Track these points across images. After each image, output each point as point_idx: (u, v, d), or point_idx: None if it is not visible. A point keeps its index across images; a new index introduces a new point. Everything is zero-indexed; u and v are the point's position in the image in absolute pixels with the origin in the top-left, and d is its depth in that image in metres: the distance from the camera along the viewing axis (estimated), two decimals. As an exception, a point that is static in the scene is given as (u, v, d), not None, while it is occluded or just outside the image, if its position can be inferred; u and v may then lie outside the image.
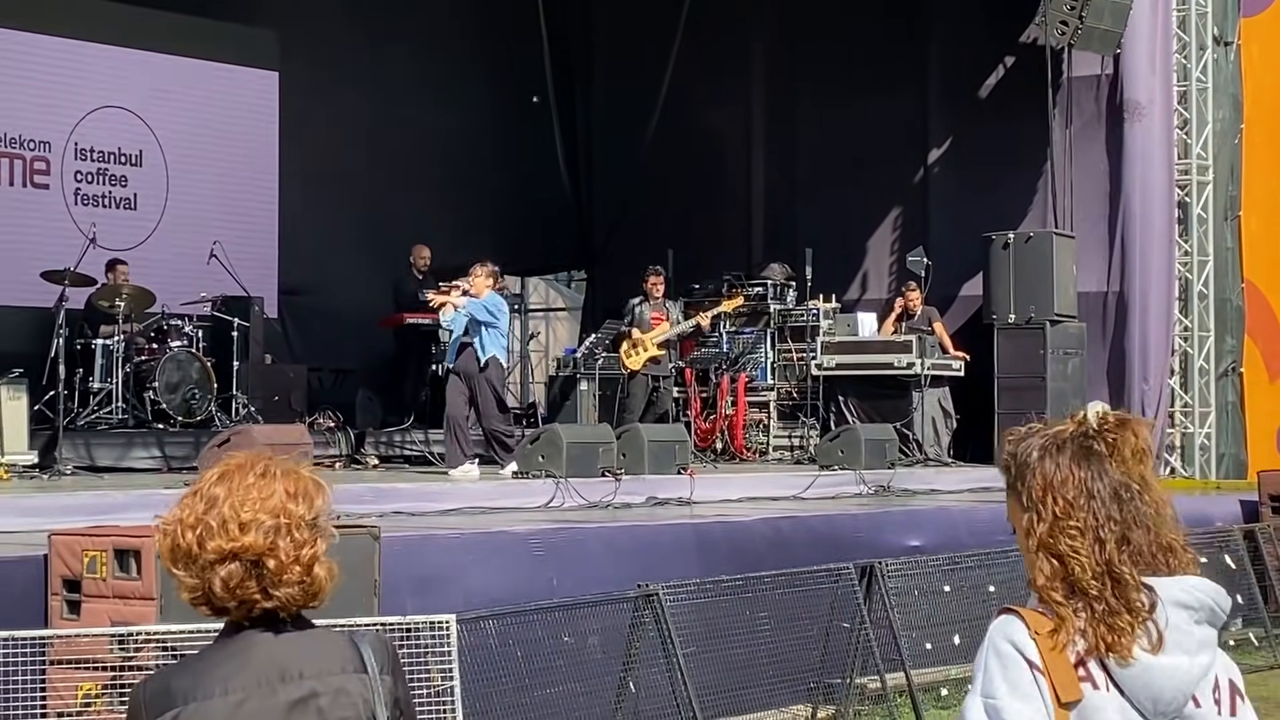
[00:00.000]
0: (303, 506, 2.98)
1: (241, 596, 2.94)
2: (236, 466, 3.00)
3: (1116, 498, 2.86)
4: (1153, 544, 2.86)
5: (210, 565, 2.93)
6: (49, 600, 7.95)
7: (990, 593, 11.83)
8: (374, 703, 2.98)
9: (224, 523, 2.93)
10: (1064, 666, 2.74)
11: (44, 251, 16.64)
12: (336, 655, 3.00)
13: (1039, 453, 2.94)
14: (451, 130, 20.97)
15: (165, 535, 2.99)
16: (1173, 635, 2.78)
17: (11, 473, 12.89)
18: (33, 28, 17.47)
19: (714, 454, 18.33)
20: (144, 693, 2.98)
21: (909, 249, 18.98)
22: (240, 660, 2.95)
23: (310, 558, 2.97)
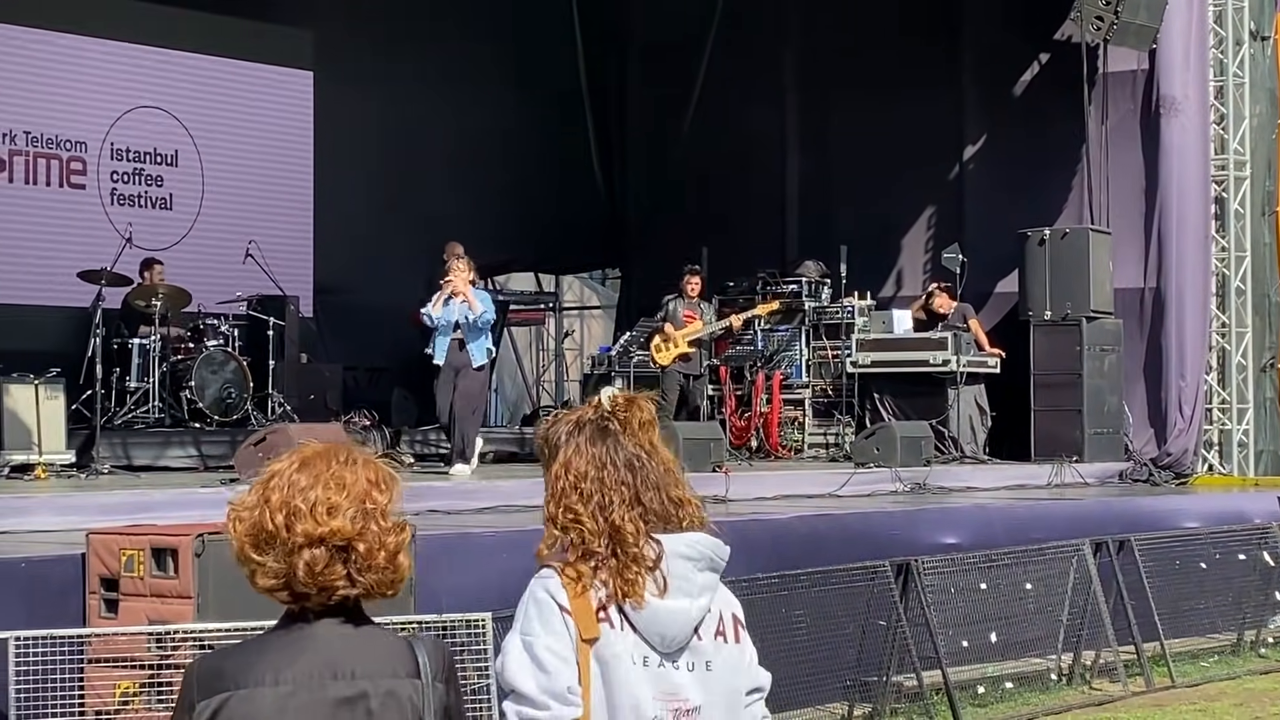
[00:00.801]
0: (385, 495, 2.99)
1: (324, 582, 2.93)
2: (317, 454, 3.00)
3: (630, 466, 3.30)
4: (664, 500, 3.33)
5: (297, 549, 2.92)
6: (87, 599, 7.99)
7: (1027, 590, 11.81)
8: (423, 708, 2.97)
9: (313, 507, 2.93)
10: (587, 610, 3.20)
11: (81, 251, 16.73)
12: (391, 657, 2.99)
13: (565, 436, 3.32)
14: (486, 129, 20.98)
15: (241, 521, 2.97)
16: (676, 582, 3.26)
17: (49, 472, 12.95)
18: (69, 29, 17.54)
19: (749, 452, 18.30)
20: (197, 671, 2.99)
21: (944, 246, 18.93)
22: (295, 651, 2.95)
23: (396, 545, 2.98)
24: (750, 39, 21.16)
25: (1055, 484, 16.60)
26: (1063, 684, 12.04)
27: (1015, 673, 11.71)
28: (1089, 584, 12.19)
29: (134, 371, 15.32)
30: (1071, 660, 12.18)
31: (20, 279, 16.91)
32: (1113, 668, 12.24)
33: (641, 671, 3.23)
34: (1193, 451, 17.89)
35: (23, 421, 13.25)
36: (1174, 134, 17.97)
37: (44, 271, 16.90)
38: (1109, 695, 11.93)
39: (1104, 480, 17.37)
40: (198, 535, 7.66)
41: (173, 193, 18.46)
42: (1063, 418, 17.78)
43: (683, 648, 3.28)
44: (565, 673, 3.18)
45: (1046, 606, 12.04)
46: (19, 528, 9.65)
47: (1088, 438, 17.72)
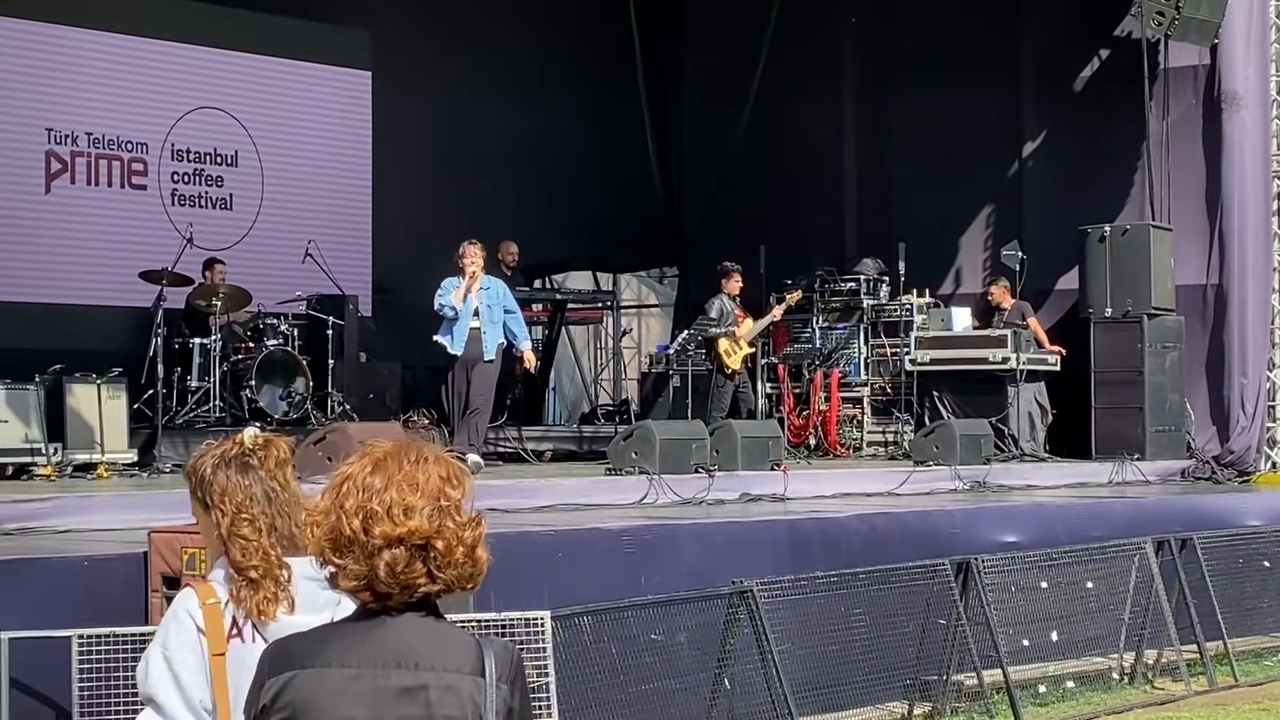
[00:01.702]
0: (458, 491, 3.02)
1: (406, 581, 2.97)
2: (388, 454, 3.03)
3: (267, 497, 3.75)
4: (290, 528, 3.73)
5: (377, 551, 2.95)
6: (149, 597, 8.03)
7: (1088, 589, 11.75)
8: (484, 707, 2.98)
9: (389, 508, 2.96)
10: (218, 627, 3.63)
11: (142, 252, 16.84)
12: (457, 654, 3.01)
13: (212, 466, 3.77)
14: (543, 127, 21.01)
15: (319, 526, 3.01)
16: (303, 599, 3.68)
17: (112, 471, 13.05)
18: (130, 30, 17.66)
19: (807, 450, 18.27)
20: (269, 654, 3.06)
21: (1003, 243, 18.85)
22: (362, 639, 2.99)
23: (473, 539, 3.01)
24: (808, 35, 21.12)
25: (1116, 482, 16.52)
26: (1125, 683, 11.98)
27: (1077, 672, 11.66)
28: (1151, 582, 12.12)
29: (195, 371, 15.39)
30: (1133, 659, 12.11)
31: (82, 279, 17.03)
32: (1175, 667, 12.16)
33: None
34: (1255, 449, 17.76)
35: (85, 421, 13.35)
36: (1235, 129, 17.84)
37: (106, 272, 17.01)
38: (1171, 694, 11.86)
39: (1166, 478, 17.26)
40: (258, 534, 7.68)
41: (233, 193, 18.56)
42: (1124, 415, 17.69)
43: None
44: (200, 687, 3.61)
45: (1108, 605, 11.98)
46: (82, 526, 9.72)
47: (1149, 435, 17.62)
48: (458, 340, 14.05)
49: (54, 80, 17.05)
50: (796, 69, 21.07)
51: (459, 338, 14.05)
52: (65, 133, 17.22)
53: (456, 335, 14.06)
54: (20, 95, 16.76)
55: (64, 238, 17.03)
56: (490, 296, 14.23)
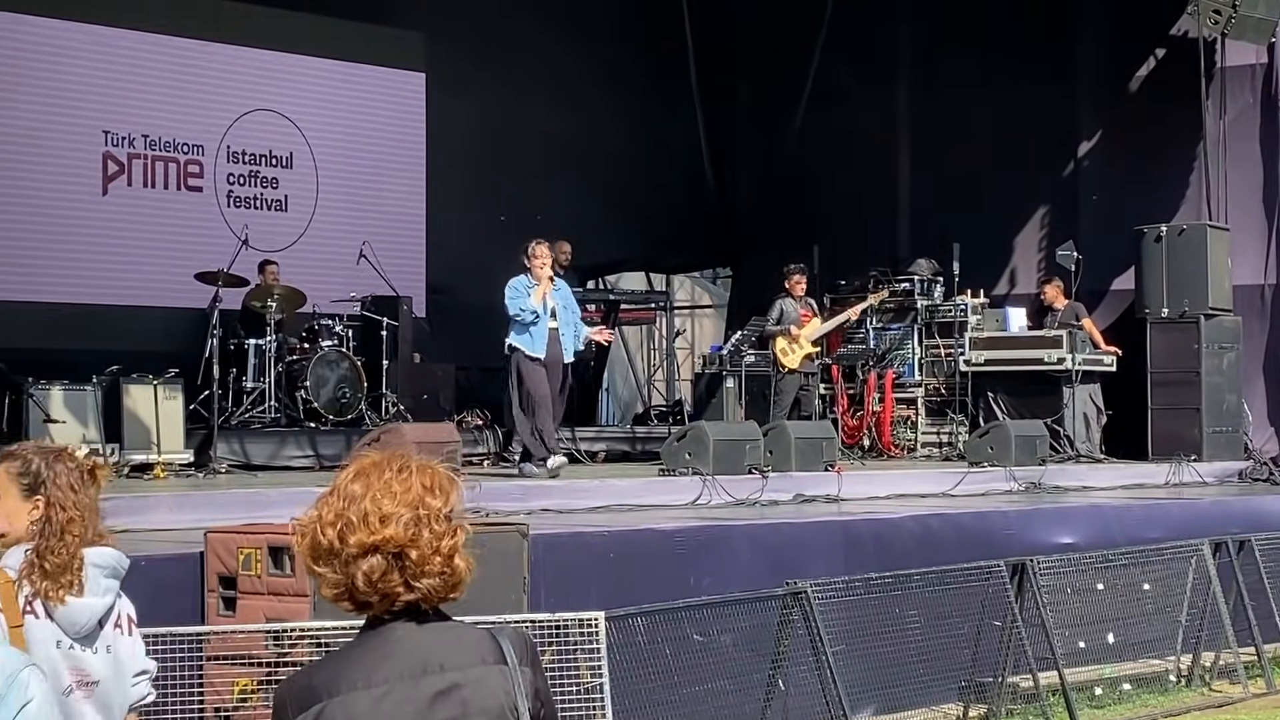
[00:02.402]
0: (439, 500, 3.02)
1: (384, 590, 2.98)
2: (372, 464, 3.05)
3: (92, 507, 4.34)
4: (96, 526, 4.32)
5: (353, 559, 2.97)
6: (205, 597, 8.07)
7: (1145, 591, 11.68)
8: (515, 694, 3.01)
9: (365, 517, 2.98)
10: (13, 605, 4.09)
11: (197, 253, 16.94)
12: (476, 648, 3.03)
13: (64, 471, 4.30)
14: (596, 126, 21.02)
15: (304, 535, 3.04)
16: (89, 585, 4.18)
17: (168, 471, 13.12)
18: (185, 33, 17.74)
19: (861, 451, 18.23)
20: (287, 691, 3.03)
21: (1058, 243, 18.77)
22: (382, 653, 2.99)
23: (450, 548, 3.01)
24: (862, 34, 21.06)
25: (1173, 483, 16.42)
26: (1181, 685, 11.90)
27: (1133, 674, 11.59)
28: (1208, 584, 12.04)
29: (250, 371, 15.46)
30: (1190, 661, 12.04)
31: (139, 281, 17.13)
32: (1233, 669, 12.09)
33: (58, 652, 4.12)
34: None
35: (142, 421, 13.43)
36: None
37: (162, 273, 17.12)
38: (1229, 697, 11.79)
39: (1223, 479, 17.14)
40: (314, 534, 7.71)
41: (288, 194, 18.63)
42: (1181, 416, 17.58)
43: (93, 635, 4.19)
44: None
45: (1165, 607, 11.91)
46: (139, 526, 9.76)
47: (1206, 436, 17.52)
48: (538, 342, 13.57)
49: (111, 83, 17.16)
50: (851, 68, 21.02)
51: (539, 339, 13.57)
52: (122, 135, 17.32)
53: (536, 337, 13.56)
54: (78, 98, 16.87)
55: (120, 239, 17.13)
56: (562, 296, 13.96)
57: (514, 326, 13.63)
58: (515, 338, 13.63)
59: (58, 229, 16.67)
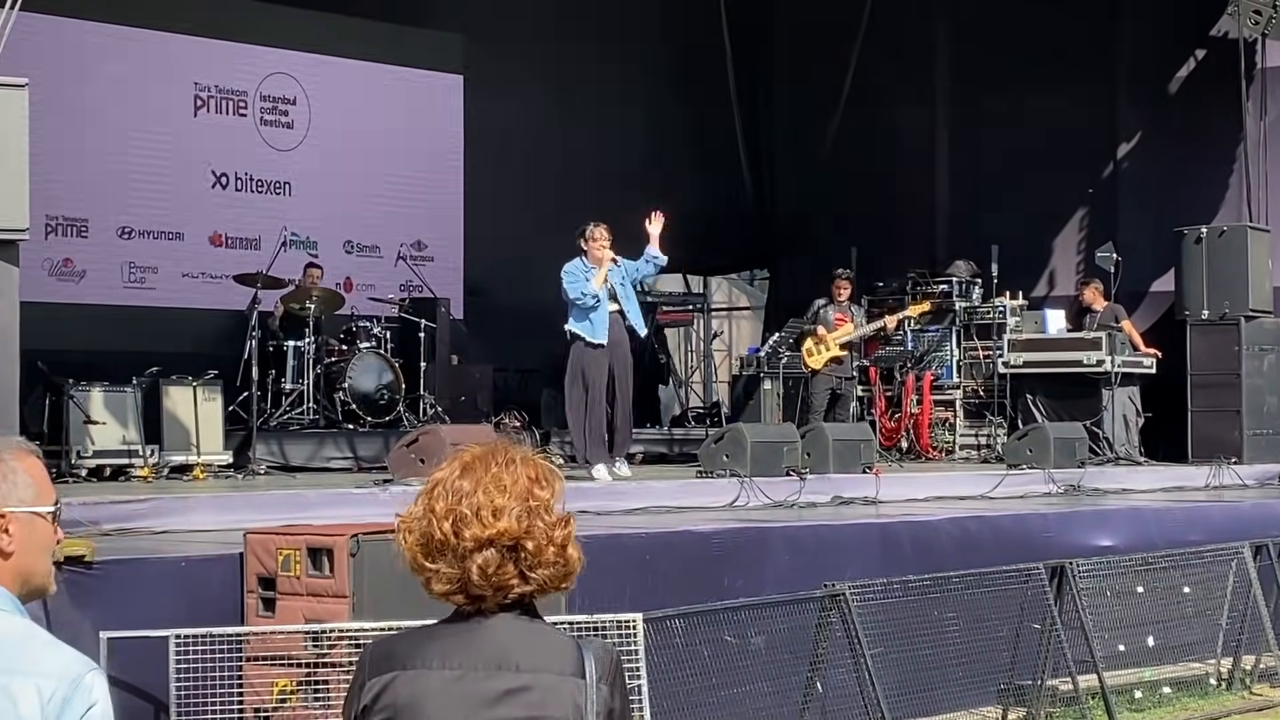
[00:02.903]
0: (546, 491, 3.04)
1: (499, 582, 2.99)
2: (477, 458, 3.05)
3: None
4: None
5: (468, 553, 2.98)
6: (245, 598, 8.10)
7: (1185, 594, 11.63)
8: (585, 709, 3.00)
9: (478, 510, 2.98)
10: None
11: (235, 255, 17.05)
12: (557, 655, 3.03)
13: None
14: (634, 129, 21.03)
15: (411, 531, 3.03)
16: None
17: (207, 472, 13.17)
18: (225, 36, 17.81)
19: (899, 453, 18.19)
20: (370, 653, 3.07)
21: (1097, 245, 18.71)
22: (464, 640, 3.01)
23: (563, 538, 3.03)
24: (900, 35, 21.04)
25: (1213, 486, 16.34)
26: (1222, 689, 11.85)
27: (1173, 677, 11.55)
28: (1249, 587, 11.98)
29: (289, 373, 15.51)
30: (1231, 665, 11.98)
31: (178, 283, 17.21)
32: (1273, 672, 12.04)
33: None
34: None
35: (182, 423, 13.49)
36: (1334, 128, 17.64)
37: (201, 275, 17.21)
38: (1269, 700, 11.73)
39: (1264, 482, 17.05)
40: (353, 535, 7.74)
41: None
42: (1221, 418, 17.51)
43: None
44: None
45: (1205, 610, 11.86)
46: (178, 527, 9.81)
47: (1246, 439, 17.44)
48: (599, 327, 13.04)
49: (150, 86, 17.22)
50: (889, 69, 20.99)
51: (599, 324, 13.04)
52: (158, 137, 17.38)
53: (596, 322, 13.04)
54: (116, 101, 16.94)
55: (159, 240, 17.20)
56: (616, 274, 13.42)
57: (573, 312, 13.19)
58: (575, 324, 13.18)
59: (98, 233, 16.75)
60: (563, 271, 13.33)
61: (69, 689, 2.70)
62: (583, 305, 13.12)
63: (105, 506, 9.82)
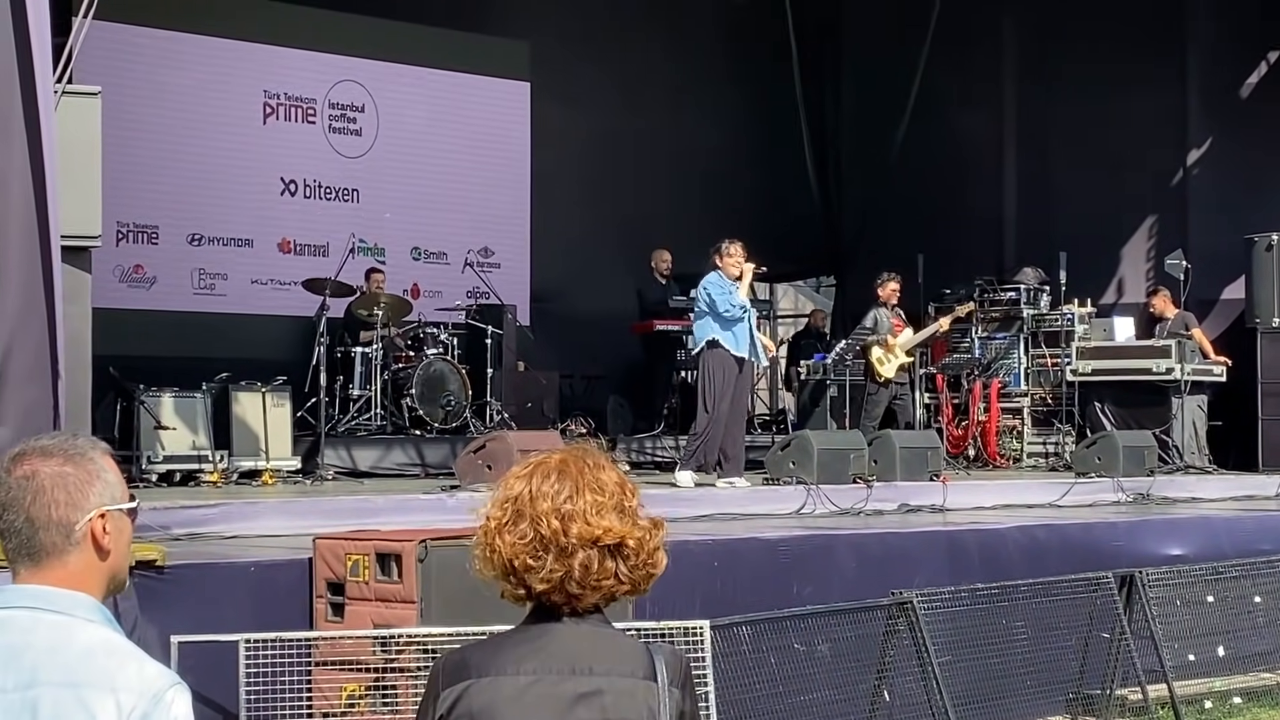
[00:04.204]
0: (634, 497, 3.10)
1: (597, 581, 3.03)
2: (565, 461, 3.09)
3: None
4: None
5: (574, 551, 3.01)
6: (314, 602, 8.14)
7: (1256, 604, 11.53)
8: (658, 712, 3.02)
9: (584, 510, 3.03)
10: None
11: (305, 260, 17.15)
12: (629, 659, 3.05)
13: None
14: (700, 135, 21.04)
15: (509, 532, 3.04)
16: None
17: (276, 477, 13.25)
18: (294, 44, 17.92)
19: (966, 460, 18.10)
20: (444, 664, 3.09)
21: (1167, 251, 18.58)
22: (537, 645, 3.03)
23: (656, 542, 3.09)
24: (968, 41, 20.96)
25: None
26: (1293, 700, 11.74)
27: (1243, 687, 11.45)
28: (1320, 598, 11.88)
29: (357, 379, 15.58)
30: (1302, 676, 11.87)
31: (247, 289, 17.32)
32: (1345, 683, 11.91)
33: None
34: None
35: (251, 428, 13.58)
36: None
37: (270, 281, 17.32)
38: (1342, 712, 11.61)
39: (1336, 491, 16.89)
40: (421, 541, 7.77)
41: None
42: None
43: None
44: None
45: (1276, 620, 11.76)
46: (248, 532, 9.87)
47: (1319, 448, 17.28)
48: (741, 341, 13.38)
49: (222, 93, 17.34)
50: (956, 75, 20.92)
51: (742, 337, 13.39)
52: (230, 145, 17.51)
53: (739, 336, 13.38)
54: (186, 110, 17.07)
55: (230, 246, 17.33)
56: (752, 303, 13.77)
57: (718, 323, 13.41)
58: (719, 334, 13.40)
59: (168, 240, 16.88)
60: (704, 283, 13.63)
61: (149, 704, 2.70)
62: (730, 317, 13.37)
63: (175, 511, 9.89)
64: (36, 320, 7.94)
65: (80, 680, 2.69)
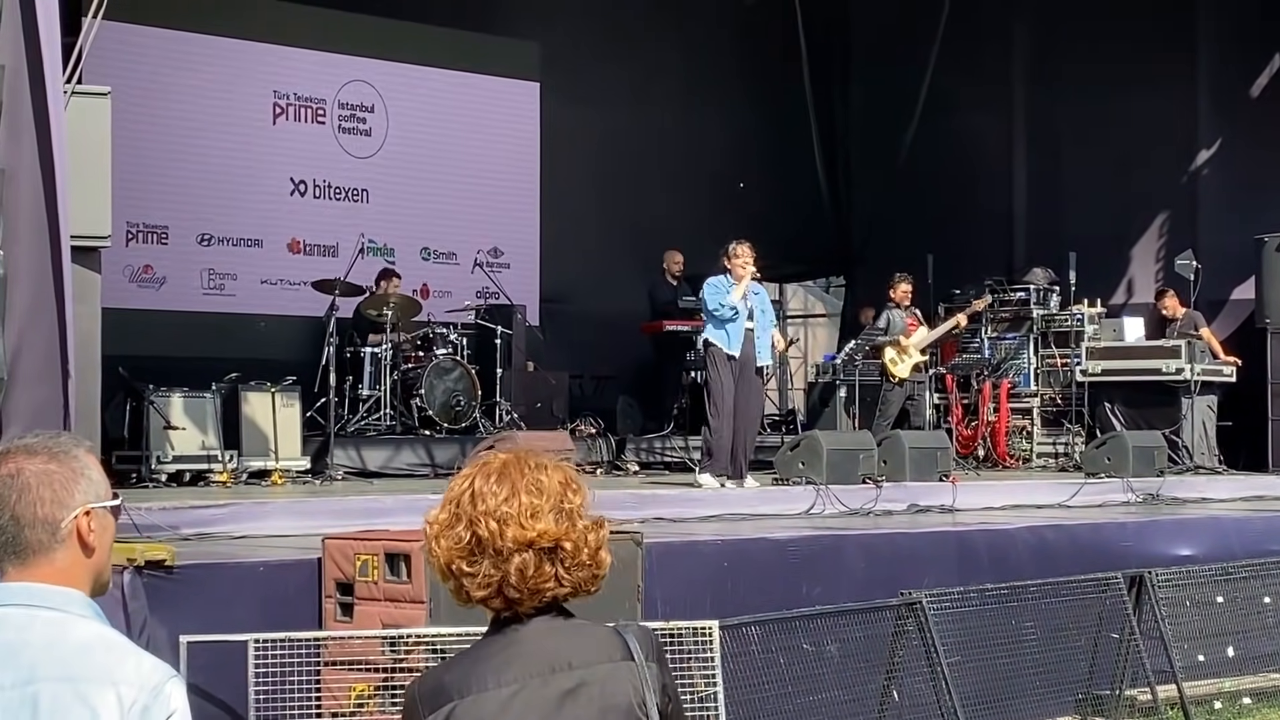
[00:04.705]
0: (578, 496, 3.07)
1: (535, 585, 3.00)
2: (507, 463, 3.07)
3: None
4: None
5: (509, 555, 2.99)
6: (323, 602, 8.15)
7: (1265, 604, 11.52)
8: (643, 690, 3.03)
9: (519, 513, 3.00)
10: None
11: (314, 261, 17.16)
12: (602, 645, 3.05)
13: None
14: (709, 137, 21.04)
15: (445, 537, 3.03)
16: None
17: (285, 477, 13.26)
18: (302, 44, 17.92)
19: (976, 461, 18.09)
20: (418, 690, 3.04)
21: (1176, 252, 18.57)
22: (510, 653, 3.01)
23: (597, 541, 3.06)
24: (978, 40, 20.94)
25: (1294, 495, 16.17)
26: (1303, 700, 11.73)
27: (1253, 688, 11.44)
28: (1331, 598, 11.86)
29: (366, 379, 15.59)
30: (1312, 676, 11.86)
31: (257, 289, 17.34)
32: (1356, 684, 11.89)
33: None
34: None
35: (260, 428, 13.59)
36: None
37: (279, 281, 17.33)
38: (1352, 713, 11.59)
39: (1346, 491, 16.87)
40: (430, 541, 7.76)
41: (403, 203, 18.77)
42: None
43: None
44: None
45: (1286, 621, 11.74)
46: (257, 532, 9.88)
47: (1328, 448, 17.27)
48: (734, 341, 13.36)
49: (229, 93, 17.36)
50: (966, 74, 20.89)
51: (735, 338, 13.36)
52: (236, 143, 17.52)
53: (733, 335, 13.37)
54: (193, 110, 17.08)
55: (237, 247, 17.34)
56: (760, 301, 13.73)
57: (711, 322, 13.52)
58: (712, 333, 13.50)
59: (177, 240, 16.89)
60: (706, 284, 13.69)
61: (150, 697, 2.71)
62: (720, 316, 13.40)
63: (184, 511, 9.90)
64: (46, 320, 7.95)
65: (79, 675, 2.71)
